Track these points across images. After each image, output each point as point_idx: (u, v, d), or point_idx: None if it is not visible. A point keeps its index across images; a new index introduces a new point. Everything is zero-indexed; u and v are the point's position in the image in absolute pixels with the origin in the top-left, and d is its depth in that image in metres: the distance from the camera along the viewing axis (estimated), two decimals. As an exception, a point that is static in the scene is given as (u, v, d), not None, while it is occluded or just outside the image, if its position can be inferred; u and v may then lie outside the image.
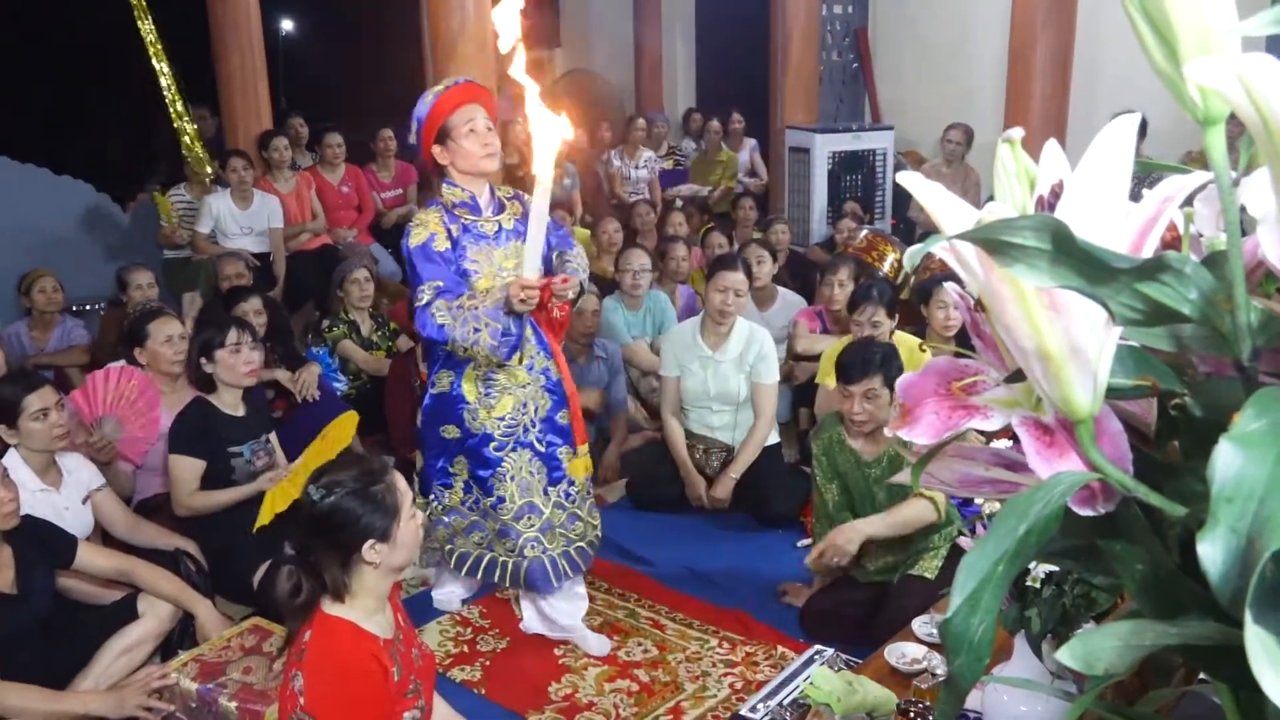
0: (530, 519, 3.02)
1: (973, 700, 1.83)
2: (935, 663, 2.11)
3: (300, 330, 5.07)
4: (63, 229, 5.93)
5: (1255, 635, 0.44)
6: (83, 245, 6.01)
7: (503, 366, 2.93)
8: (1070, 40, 5.75)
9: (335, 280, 4.85)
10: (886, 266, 5.25)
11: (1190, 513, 0.55)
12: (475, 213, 2.95)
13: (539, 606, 3.17)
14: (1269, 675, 0.43)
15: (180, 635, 2.89)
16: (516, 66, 2.54)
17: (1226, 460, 0.47)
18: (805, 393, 4.49)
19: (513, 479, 3.00)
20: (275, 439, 3.50)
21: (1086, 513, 0.58)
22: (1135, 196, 0.56)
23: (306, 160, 6.65)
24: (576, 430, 3.08)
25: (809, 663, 2.34)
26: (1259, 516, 0.46)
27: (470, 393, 2.97)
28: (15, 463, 2.90)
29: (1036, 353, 0.56)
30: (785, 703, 2.18)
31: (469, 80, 3.05)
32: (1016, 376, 0.61)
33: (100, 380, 3.53)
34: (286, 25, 9.73)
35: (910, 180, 0.58)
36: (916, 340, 4.01)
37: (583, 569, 3.13)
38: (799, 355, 4.59)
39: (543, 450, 3.02)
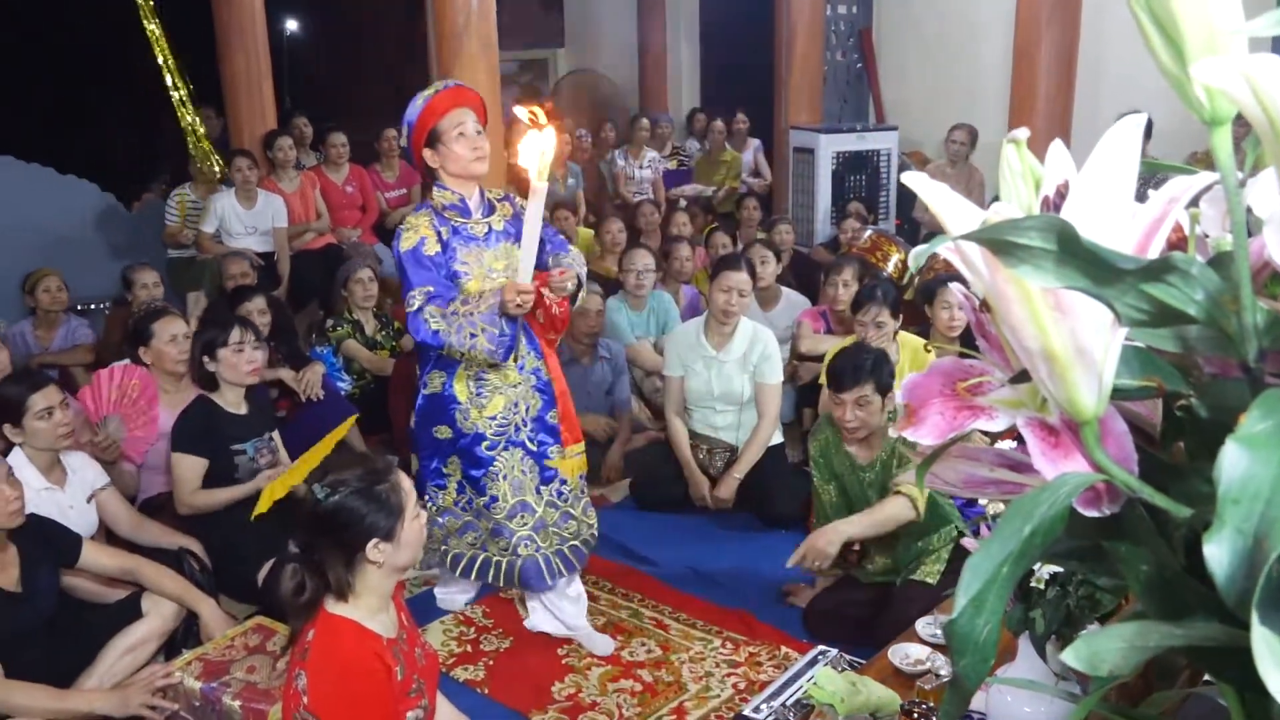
0: (523, 517, 3.03)
1: (977, 701, 1.83)
2: (939, 664, 2.11)
3: (304, 330, 5.08)
4: (68, 228, 5.94)
5: (1261, 637, 0.44)
6: (88, 245, 6.03)
7: (495, 367, 2.95)
8: (1075, 40, 5.74)
9: (339, 280, 4.86)
10: (890, 267, 5.25)
11: (1196, 514, 0.55)
12: (465, 215, 2.97)
13: (545, 603, 3.18)
14: (1275, 676, 0.43)
15: (184, 634, 2.89)
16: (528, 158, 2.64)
17: (1233, 461, 0.47)
18: (809, 393, 4.49)
19: (505, 478, 3.01)
20: (278, 437, 3.50)
21: (1091, 514, 0.58)
22: (1141, 197, 0.55)
23: (311, 160, 6.65)
24: (566, 430, 3.09)
25: (812, 663, 2.33)
26: (1265, 517, 0.46)
27: (462, 393, 2.98)
28: (20, 461, 2.91)
29: (1042, 353, 0.55)
30: (788, 703, 2.18)
31: (459, 84, 3.07)
32: (1022, 377, 0.61)
33: (105, 378, 3.53)
34: (291, 25, 9.74)
35: (915, 181, 0.58)
36: (921, 341, 4.01)
37: (577, 567, 3.14)
38: (803, 355, 4.59)
39: (534, 449, 3.04)
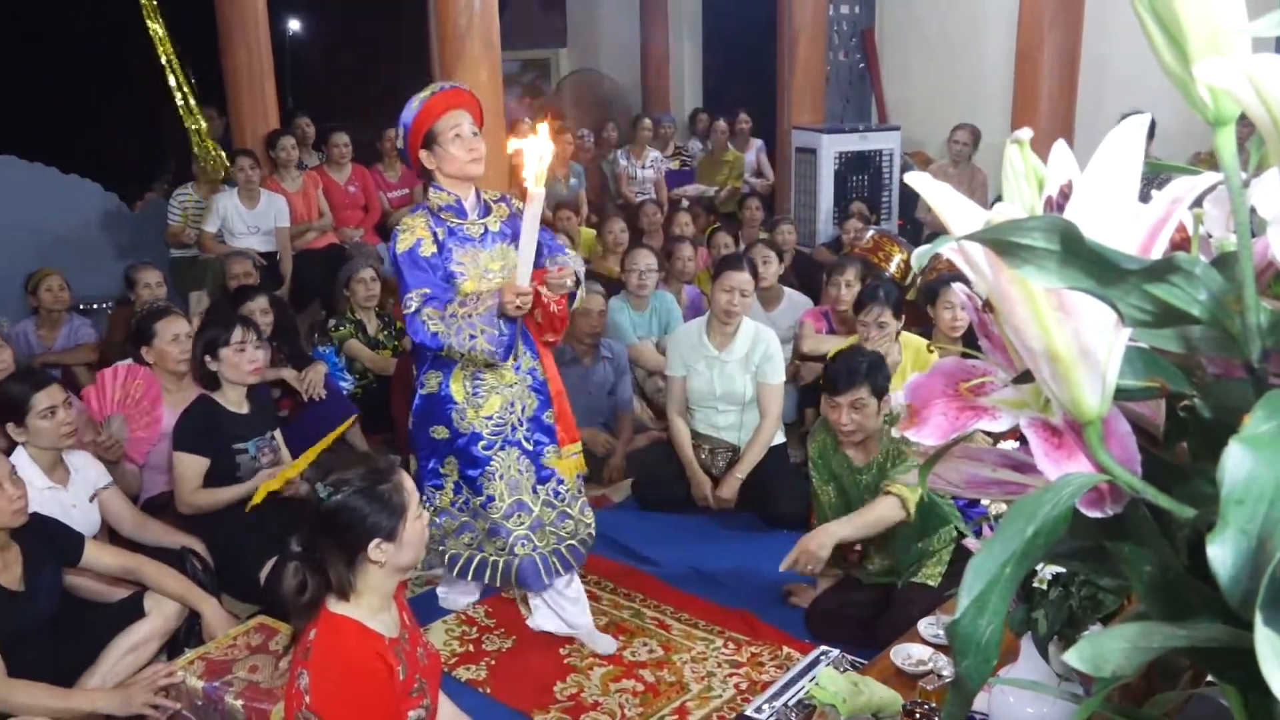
0: (520, 516, 3.03)
1: (979, 702, 1.83)
2: (941, 664, 2.11)
3: (306, 329, 5.09)
4: (70, 228, 5.95)
5: (1265, 637, 0.44)
6: (90, 244, 6.03)
7: (491, 367, 2.96)
8: (1078, 40, 5.74)
9: (341, 279, 4.86)
10: (893, 267, 5.25)
11: (1199, 515, 0.55)
12: (461, 216, 2.98)
13: (547, 602, 3.18)
14: (1278, 677, 0.43)
15: (186, 633, 2.90)
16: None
17: (1236, 462, 0.47)
18: (811, 393, 4.49)
19: (501, 477, 3.01)
20: (280, 436, 3.51)
21: (1095, 514, 0.58)
22: (1144, 198, 0.55)
23: (313, 160, 6.66)
24: (563, 430, 3.10)
25: (814, 663, 2.33)
26: (1269, 518, 0.45)
27: (458, 393, 2.99)
28: (23, 460, 2.91)
29: (1045, 354, 0.55)
30: (790, 703, 2.18)
31: (455, 86, 3.08)
32: (1025, 377, 0.61)
33: (109, 378, 3.54)
34: (293, 25, 9.75)
35: (919, 181, 0.58)
36: (924, 341, 4.01)
37: (575, 566, 3.14)
38: (805, 355, 4.58)
39: (530, 449, 3.05)
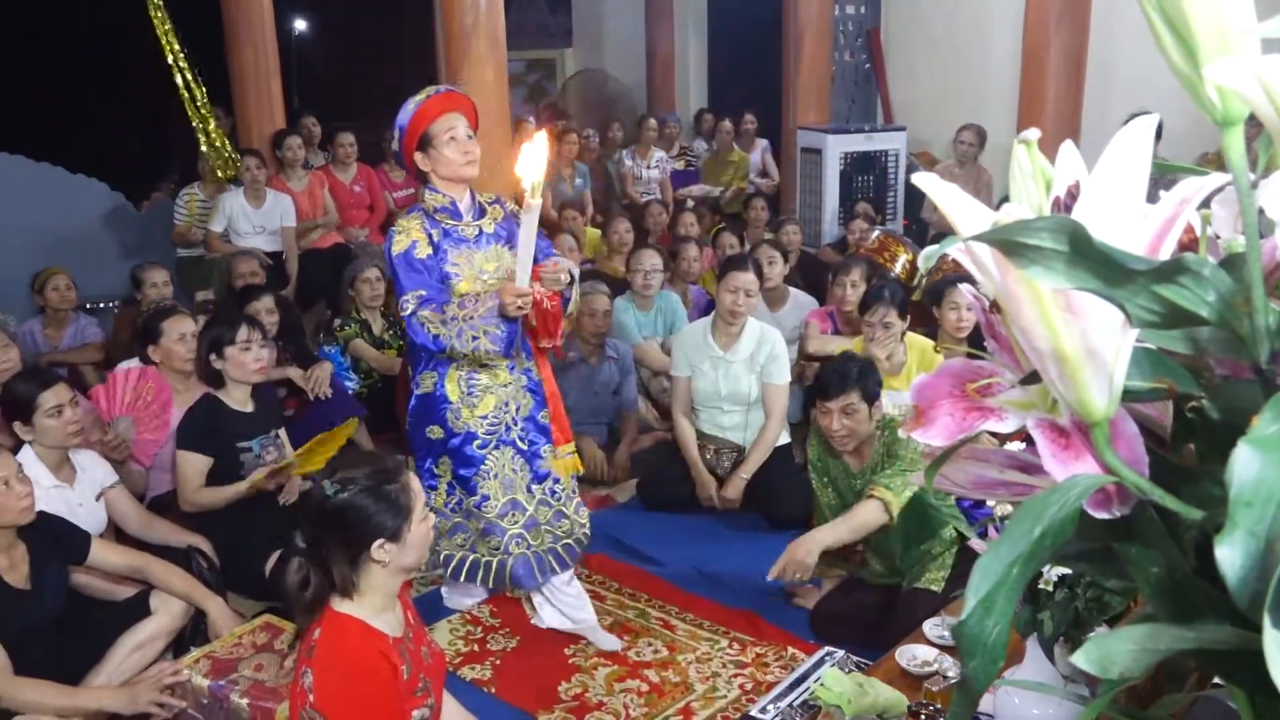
0: (514, 515, 3.04)
1: (985, 703, 1.83)
2: (946, 665, 2.11)
3: (312, 329, 5.10)
4: (77, 227, 5.97)
5: (1274, 639, 0.44)
6: (97, 243, 6.05)
7: (486, 366, 2.97)
8: (1084, 40, 5.73)
9: (346, 279, 4.87)
10: (898, 267, 5.24)
11: (1207, 516, 0.55)
12: (456, 217, 2.99)
13: (551, 599, 3.19)
14: (1287, 680, 0.43)
15: (192, 632, 2.90)
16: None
17: (1245, 464, 0.47)
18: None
19: (496, 476, 3.02)
20: (285, 435, 3.51)
21: (1102, 515, 0.58)
22: (1151, 199, 0.55)
23: (319, 159, 6.67)
24: (557, 430, 3.11)
25: (819, 664, 2.33)
26: (1278, 520, 0.45)
27: (453, 393, 3.00)
28: (29, 459, 2.92)
29: (1052, 354, 0.55)
30: (795, 704, 2.18)
31: (450, 89, 3.12)
32: (1032, 378, 0.61)
33: (121, 380, 3.55)
34: (299, 25, 9.77)
35: (926, 181, 0.58)
36: (929, 342, 4.01)
37: (570, 565, 3.15)
38: (810, 356, 4.58)
39: (525, 448, 3.06)
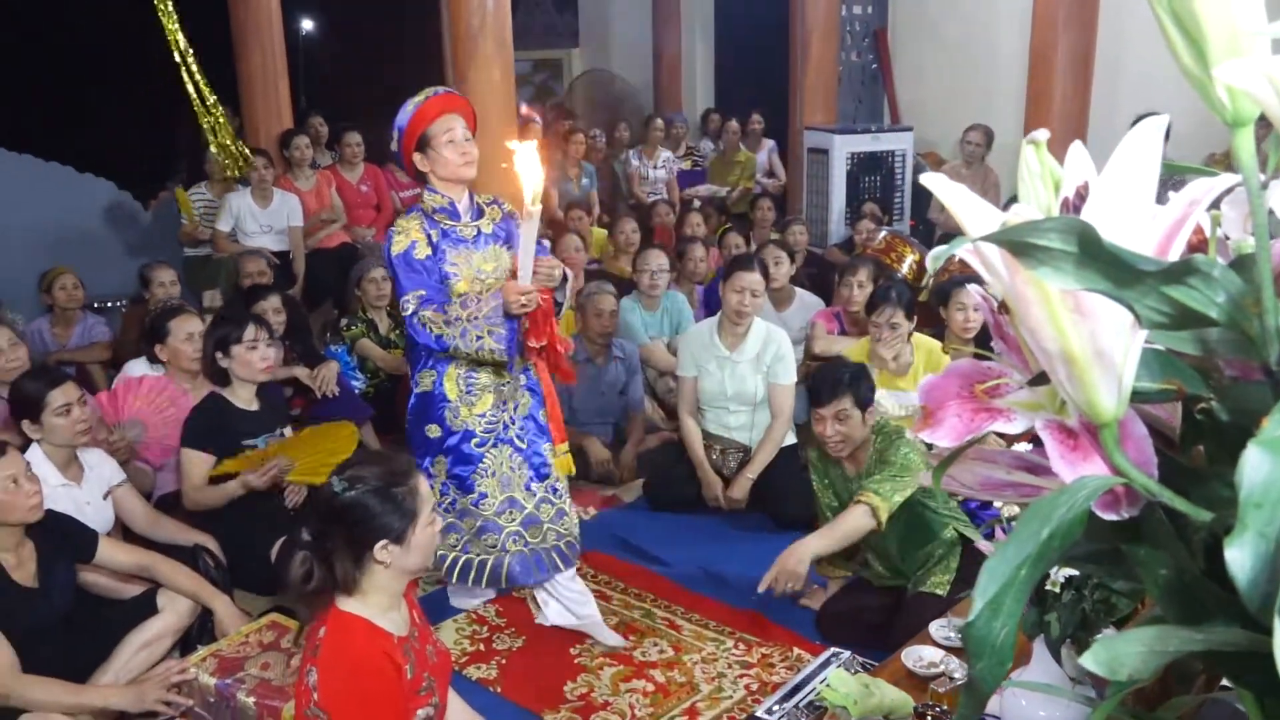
0: (511, 514, 3.04)
1: (991, 705, 1.82)
2: (953, 666, 2.10)
3: (319, 328, 5.11)
4: (85, 227, 5.99)
5: (1283, 642, 0.44)
6: (104, 243, 6.07)
7: (484, 365, 2.97)
8: (1092, 40, 5.71)
9: (353, 279, 4.88)
10: (905, 268, 5.23)
11: (1216, 518, 0.55)
12: (454, 218, 3.01)
13: (555, 597, 3.19)
14: (1296, 682, 0.43)
15: (199, 630, 2.91)
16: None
17: (1255, 465, 0.46)
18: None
19: (493, 474, 3.03)
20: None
21: (1110, 517, 0.58)
22: (1159, 200, 0.55)
23: (326, 159, 6.68)
24: (554, 429, 3.12)
25: (825, 665, 2.33)
26: (1288, 522, 0.45)
27: (452, 391, 3.00)
28: (38, 458, 2.93)
29: (1061, 355, 0.55)
30: (801, 705, 2.17)
31: (449, 90, 3.14)
32: (1040, 379, 0.61)
33: (134, 388, 3.56)
34: (306, 25, 9.78)
35: (934, 182, 0.58)
36: (936, 343, 4.00)
37: (573, 562, 3.17)
38: (816, 356, 4.58)
39: (524, 447, 3.06)
